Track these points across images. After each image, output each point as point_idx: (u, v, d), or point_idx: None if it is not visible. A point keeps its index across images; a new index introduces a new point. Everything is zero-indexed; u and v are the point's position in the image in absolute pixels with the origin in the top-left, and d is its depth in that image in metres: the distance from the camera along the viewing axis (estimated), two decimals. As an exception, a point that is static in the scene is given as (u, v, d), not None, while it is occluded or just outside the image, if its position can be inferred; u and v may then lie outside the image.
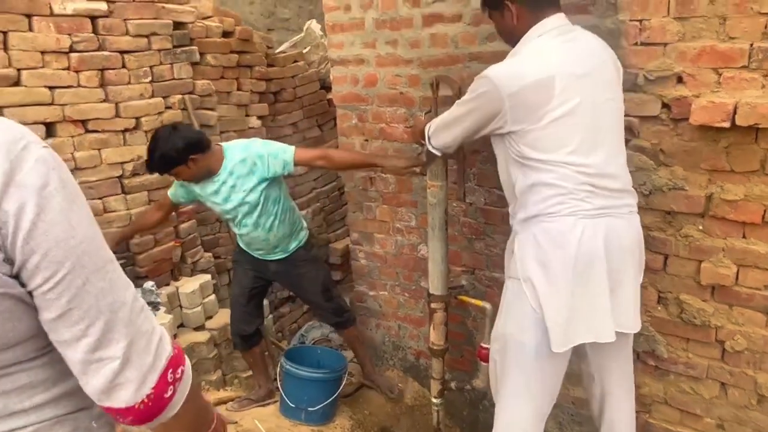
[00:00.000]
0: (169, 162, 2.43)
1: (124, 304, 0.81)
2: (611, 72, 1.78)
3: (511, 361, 1.86)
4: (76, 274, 0.76)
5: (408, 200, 2.88)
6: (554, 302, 1.72)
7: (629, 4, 1.97)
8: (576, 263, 1.69)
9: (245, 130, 3.66)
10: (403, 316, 3.11)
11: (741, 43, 1.80)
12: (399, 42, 2.61)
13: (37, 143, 0.76)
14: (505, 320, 1.89)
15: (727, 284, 2.01)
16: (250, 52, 3.62)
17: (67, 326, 0.77)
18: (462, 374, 2.86)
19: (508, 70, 1.74)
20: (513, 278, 1.85)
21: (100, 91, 2.81)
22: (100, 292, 0.78)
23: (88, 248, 0.78)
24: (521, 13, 1.78)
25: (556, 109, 1.66)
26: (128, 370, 0.80)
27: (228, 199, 2.58)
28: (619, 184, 1.75)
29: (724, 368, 2.12)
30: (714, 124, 1.81)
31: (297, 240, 2.81)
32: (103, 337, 0.78)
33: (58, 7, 2.60)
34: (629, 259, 1.76)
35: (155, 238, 3.11)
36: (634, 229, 1.79)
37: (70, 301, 0.76)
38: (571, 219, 1.70)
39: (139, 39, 2.93)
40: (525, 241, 1.79)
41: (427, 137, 2.05)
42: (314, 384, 2.80)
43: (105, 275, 0.79)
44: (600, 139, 1.71)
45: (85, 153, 2.80)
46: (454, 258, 2.68)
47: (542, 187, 1.73)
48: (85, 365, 0.79)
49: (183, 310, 3.11)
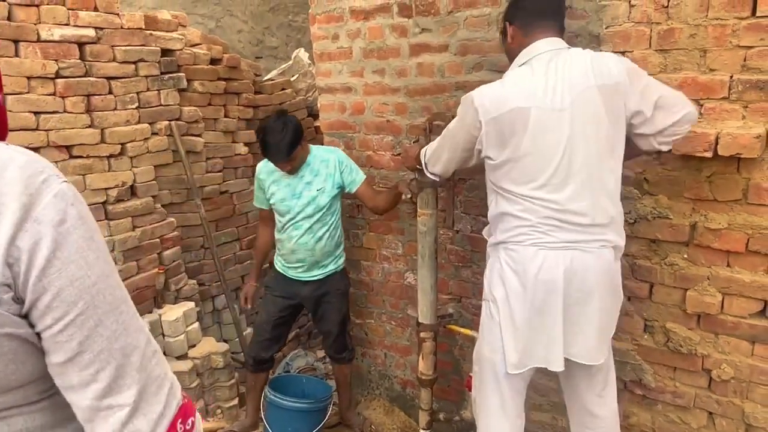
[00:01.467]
0: (296, 139, 2.56)
1: (137, 348, 0.77)
2: (595, 102, 1.67)
3: (486, 381, 1.91)
4: (88, 315, 0.72)
5: (395, 228, 2.87)
6: (511, 325, 1.77)
7: (612, 37, 2.01)
8: (534, 291, 1.72)
9: (232, 157, 3.65)
10: (390, 344, 3.08)
11: (721, 75, 1.84)
12: (386, 71, 2.63)
13: (57, 177, 0.73)
14: (480, 341, 1.95)
15: (712, 312, 2.02)
16: (238, 79, 3.63)
17: (76, 371, 0.73)
18: (449, 404, 2.83)
19: (490, 95, 1.75)
20: (485, 300, 1.92)
21: (85, 117, 2.80)
22: (113, 334, 0.74)
23: (102, 287, 0.74)
24: (515, 34, 1.83)
25: (528, 143, 1.69)
26: (137, 419, 0.75)
27: (299, 194, 2.67)
28: (589, 220, 1.70)
29: (711, 397, 2.11)
30: (696, 153, 1.84)
31: (336, 263, 2.83)
32: (113, 383, 0.74)
33: (45, 33, 2.60)
34: (595, 292, 1.73)
35: (138, 264, 3.07)
36: (603, 263, 1.73)
37: (81, 344, 0.72)
38: (533, 249, 1.73)
39: (127, 65, 2.93)
40: (493, 264, 1.86)
41: (424, 164, 2.07)
42: (299, 414, 2.75)
43: (119, 317, 0.76)
44: (572, 176, 1.69)
45: (68, 179, 2.75)
46: (442, 286, 2.67)
47: (509, 217, 1.78)
48: (92, 412, 0.74)
49: (165, 339, 3.05)
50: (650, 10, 1.92)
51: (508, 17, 1.88)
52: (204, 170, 3.49)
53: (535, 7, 1.81)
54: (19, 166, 0.70)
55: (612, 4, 1.99)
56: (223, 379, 3.19)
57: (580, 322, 1.75)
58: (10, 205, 0.67)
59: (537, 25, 1.78)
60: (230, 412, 3.18)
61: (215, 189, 3.58)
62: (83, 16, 2.73)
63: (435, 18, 2.42)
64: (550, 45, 1.76)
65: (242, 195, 3.77)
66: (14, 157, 0.71)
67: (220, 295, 3.64)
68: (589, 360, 1.79)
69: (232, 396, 3.22)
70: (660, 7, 1.90)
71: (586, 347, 1.78)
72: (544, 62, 1.73)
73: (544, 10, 1.81)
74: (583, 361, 1.79)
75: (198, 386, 3.07)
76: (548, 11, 1.81)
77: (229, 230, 3.74)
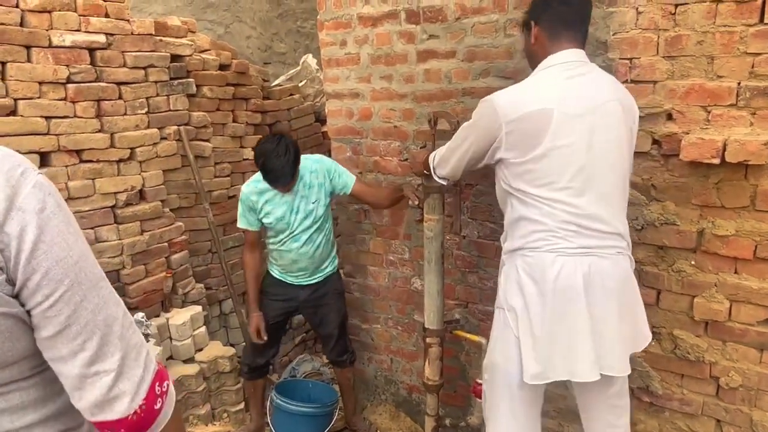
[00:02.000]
0: (298, 159, 2.53)
1: (117, 318, 0.85)
2: (616, 114, 1.71)
3: (499, 391, 1.86)
4: (74, 291, 0.80)
5: (401, 233, 2.88)
6: (531, 335, 1.72)
7: (619, 44, 2.01)
8: (554, 298, 1.68)
9: (240, 162, 3.67)
10: (396, 349, 3.08)
11: (729, 82, 1.84)
12: (393, 77, 2.65)
13: (33, 169, 0.81)
14: (492, 349, 1.90)
15: (720, 320, 2.01)
16: (246, 84, 3.66)
17: (65, 342, 0.80)
18: (456, 410, 2.82)
19: (510, 98, 1.75)
20: (499, 308, 1.87)
21: (95, 122, 2.82)
22: (96, 307, 0.83)
23: (84, 266, 0.82)
24: (540, 36, 1.81)
25: (549, 145, 1.67)
26: (122, 382, 0.84)
27: (297, 210, 2.66)
28: (607, 227, 1.70)
29: (719, 405, 2.10)
30: (704, 160, 1.83)
31: (332, 264, 2.88)
32: (99, 351, 0.82)
33: (57, 39, 2.63)
34: (614, 300, 1.70)
35: (146, 268, 3.09)
36: (620, 270, 1.73)
37: (69, 317, 0.79)
38: (551, 255, 1.70)
39: (137, 71, 2.96)
40: (509, 272, 1.81)
41: (432, 167, 2.07)
42: (305, 419, 2.75)
43: (99, 291, 0.84)
44: (591, 181, 1.69)
45: (78, 183, 2.80)
46: (448, 291, 2.67)
47: (526, 222, 1.75)
48: (81, 380, 0.82)
49: (173, 342, 3.07)
50: (657, 16, 1.92)
51: (533, 16, 1.84)
52: (212, 175, 3.51)
53: (564, 15, 1.77)
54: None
55: (619, 11, 2.00)
56: (230, 383, 3.20)
57: (603, 331, 1.69)
58: None
59: (564, 35, 1.76)
60: (236, 416, 3.18)
61: (223, 194, 3.60)
62: (94, 22, 2.76)
63: (442, 24, 2.44)
64: (575, 56, 1.75)
65: (250, 200, 3.78)
66: None
67: (227, 299, 3.65)
68: (618, 371, 1.71)
69: (238, 400, 3.23)
70: (667, 14, 1.91)
71: (613, 357, 1.70)
72: (567, 70, 1.73)
73: (573, 19, 1.78)
74: (613, 373, 1.70)
75: (204, 390, 3.08)
76: (576, 21, 1.79)
77: (237, 235, 3.75)
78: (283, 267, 2.81)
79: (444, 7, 2.41)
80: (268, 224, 2.71)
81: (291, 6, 5.55)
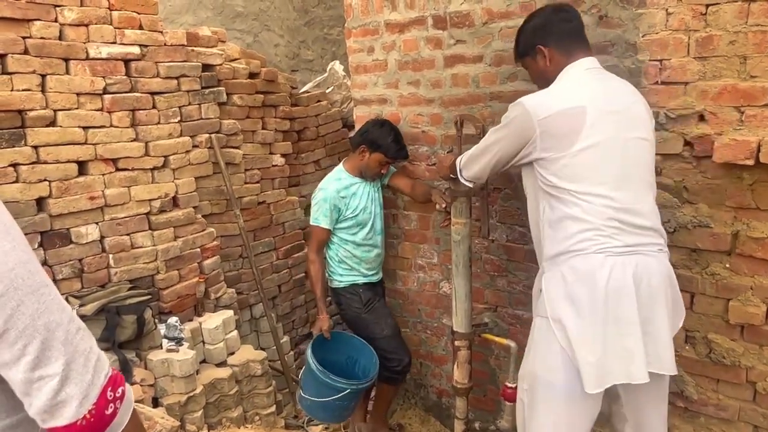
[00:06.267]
0: None
1: (60, 324, 0.86)
2: (642, 112, 1.78)
3: (540, 402, 1.82)
4: (9, 297, 0.81)
5: (430, 237, 2.89)
6: (586, 342, 1.67)
7: (649, 45, 2.00)
8: (606, 301, 1.64)
9: (269, 168, 3.73)
10: (425, 353, 3.08)
11: (762, 82, 1.81)
12: (421, 82, 2.67)
13: None
14: (533, 359, 1.85)
15: (756, 323, 1.97)
16: (275, 92, 3.72)
17: (6, 347, 0.81)
18: (485, 414, 2.81)
19: (542, 99, 1.77)
20: (541, 317, 1.81)
21: (131, 131, 2.90)
22: (35, 312, 0.83)
23: (20, 272, 0.83)
24: (553, 55, 1.84)
25: (586, 140, 1.67)
26: (68, 387, 0.85)
27: (374, 198, 2.83)
28: (647, 222, 1.71)
29: (756, 411, 2.06)
30: (737, 161, 1.81)
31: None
32: (41, 355, 0.83)
33: (93, 51, 2.72)
34: (660, 299, 1.69)
35: (180, 273, 3.16)
36: (664, 267, 1.72)
37: (6, 322, 0.80)
38: (600, 256, 1.66)
39: (169, 81, 3.04)
40: (553, 280, 1.76)
41: (459, 170, 2.08)
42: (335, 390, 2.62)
43: (39, 297, 0.84)
44: (628, 176, 1.70)
45: (114, 190, 2.88)
46: (477, 295, 2.67)
47: (569, 221, 1.71)
48: (27, 385, 0.83)
49: (205, 346, 3.13)
50: (688, 17, 1.90)
51: (539, 41, 1.87)
52: (242, 181, 3.57)
53: (570, 30, 1.84)
54: None
55: (648, 12, 1.98)
56: (261, 387, 3.24)
57: (653, 331, 1.67)
58: None
59: (576, 45, 1.82)
60: (268, 419, 3.22)
61: (253, 199, 3.66)
62: (129, 34, 2.84)
63: (469, 29, 2.45)
64: (591, 63, 1.81)
65: (279, 205, 3.84)
66: None
67: (258, 304, 3.71)
68: (668, 370, 1.69)
69: (269, 403, 3.27)
70: (698, 15, 1.89)
71: (664, 356, 1.68)
72: (590, 75, 1.78)
73: (578, 32, 1.85)
74: (663, 371, 1.69)
75: (236, 393, 3.13)
76: (581, 33, 1.86)
77: (267, 240, 3.81)
78: (368, 265, 2.86)
79: (471, 12, 2.42)
80: (353, 218, 2.77)
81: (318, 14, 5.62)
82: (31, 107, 2.55)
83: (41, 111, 2.59)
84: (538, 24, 1.90)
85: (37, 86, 2.58)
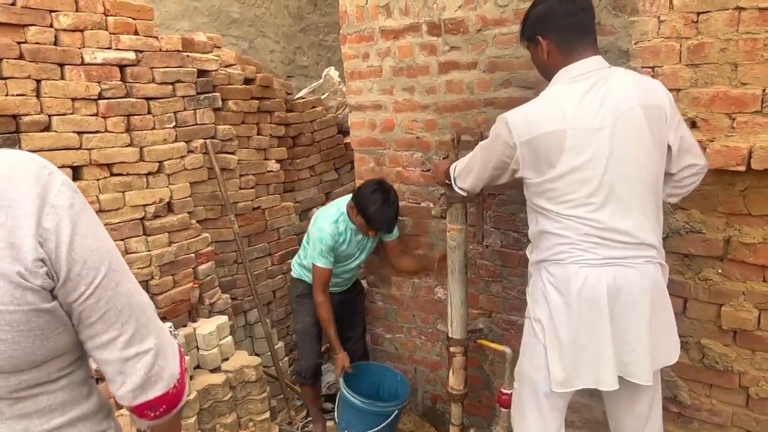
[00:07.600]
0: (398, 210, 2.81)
1: (147, 303, 0.94)
2: (638, 120, 1.65)
3: (527, 399, 1.89)
4: (110, 277, 0.86)
5: (425, 243, 2.89)
6: (557, 344, 1.74)
7: (641, 52, 2.02)
8: (579, 309, 1.68)
9: (264, 174, 3.73)
10: (420, 359, 3.08)
11: (753, 89, 1.83)
12: (416, 88, 2.68)
13: (57, 170, 0.88)
14: (521, 359, 1.93)
15: (748, 328, 1.99)
16: (270, 98, 3.72)
17: (105, 327, 0.86)
18: (480, 420, 2.81)
19: (525, 116, 1.73)
20: (528, 318, 1.89)
21: (125, 136, 2.90)
22: (129, 292, 0.89)
23: (114, 255, 0.89)
24: (551, 50, 1.76)
25: (566, 164, 1.66)
26: (161, 359, 0.91)
27: (366, 248, 2.94)
28: (633, 239, 1.67)
29: (749, 415, 2.07)
30: (729, 167, 1.82)
31: None
32: (137, 333, 0.89)
33: (89, 57, 2.71)
34: (641, 309, 1.68)
35: (174, 278, 3.15)
36: (648, 278, 1.69)
37: (107, 302, 0.86)
38: (575, 267, 1.70)
39: (165, 86, 3.03)
40: (536, 283, 1.84)
41: (453, 179, 2.09)
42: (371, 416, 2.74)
43: (130, 278, 0.91)
44: (613, 195, 1.66)
45: (109, 195, 2.87)
46: (472, 301, 2.67)
47: (549, 235, 1.76)
48: (122, 363, 0.88)
49: (200, 352, 3.11)
50: (679, 25, 1.93)
51: (538, 30, 1.78)
52: (237, 187, 3.57)
53: (573, 25, 1.72)
54: (25, 165, 0.84)
55: (641, 20, 2.00)
56: (255, 393, 3.23)
57: (630, 340, 1.68)
58: (29, 195, 0.81)
59: (577, 45, 1.72)
60: (262, 425, 3.21)
61: (248, 205, 3.66)
62: (124, 39, 2.84)
63: (464, 36, 2.46)
64: (594, 64, 1.71)
65: (274, 211, 3.84)
66: (18, 157, 0.85)
67: (253, 309, 3.70)
68: (644, 380, 1.68)
69: (264, 409, 3.25)
70: (689, 22, 1.91)
71: (640, 366, 1.68)
72: (587, 82, 1.68)
73: (583, 28, 1.73)
74: (638, 380, 1.69)
75: (231, 399, 3.12)
76: (587, 29, 1.74)
77: (261, 245, 3.81)
78: (335, 280, 2.98)
79: (465, 19, 2.44)
80: (337, 256, 2.88)
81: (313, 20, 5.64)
82: (25, 112, 2.54)
83: (36, 116, 2.58)
84: (540, 13, 1.79)
85: (32, 91, 2.57)
